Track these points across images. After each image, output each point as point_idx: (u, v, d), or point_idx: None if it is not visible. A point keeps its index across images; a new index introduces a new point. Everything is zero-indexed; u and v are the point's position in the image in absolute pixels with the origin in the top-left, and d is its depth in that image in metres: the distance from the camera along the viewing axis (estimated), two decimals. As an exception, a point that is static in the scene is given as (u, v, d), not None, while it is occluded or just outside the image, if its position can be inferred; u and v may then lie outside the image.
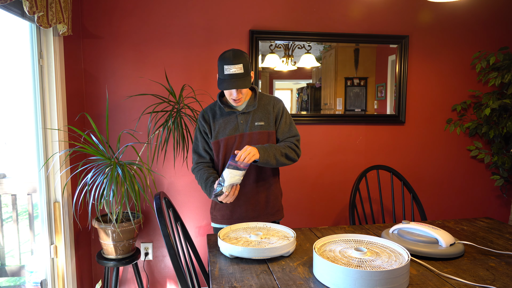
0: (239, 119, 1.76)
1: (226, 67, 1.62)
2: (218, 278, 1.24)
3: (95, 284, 2.57)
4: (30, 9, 1.60)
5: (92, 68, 2.44)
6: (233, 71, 1.62)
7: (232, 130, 1.75)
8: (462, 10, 2.78)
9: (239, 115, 1.76)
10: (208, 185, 1.72)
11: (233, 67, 1.62)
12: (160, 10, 2.47)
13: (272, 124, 1.79)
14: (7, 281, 2.72)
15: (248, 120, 1.76)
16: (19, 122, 3.41)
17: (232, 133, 1.75)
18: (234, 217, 1.81)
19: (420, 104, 2.82)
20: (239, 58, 1.62)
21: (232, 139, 1.75)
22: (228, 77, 1.63)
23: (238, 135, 1.75)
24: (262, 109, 1.78)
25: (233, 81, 1.63)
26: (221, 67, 1.64)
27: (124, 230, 2.14)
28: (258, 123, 1.76)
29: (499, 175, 2.81)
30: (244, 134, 1.75)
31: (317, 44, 2.65)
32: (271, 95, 1.85)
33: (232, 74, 1.62)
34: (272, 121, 1.79)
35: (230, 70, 1.62)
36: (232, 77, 1.63)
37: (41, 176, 2.06)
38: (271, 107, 1.80)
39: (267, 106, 1.79)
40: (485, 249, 1.50)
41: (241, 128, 1.75)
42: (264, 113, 1.78)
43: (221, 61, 1.64)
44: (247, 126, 1.75)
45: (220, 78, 1.65)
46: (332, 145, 2.76)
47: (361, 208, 2.58)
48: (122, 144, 2.42)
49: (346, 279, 1.11)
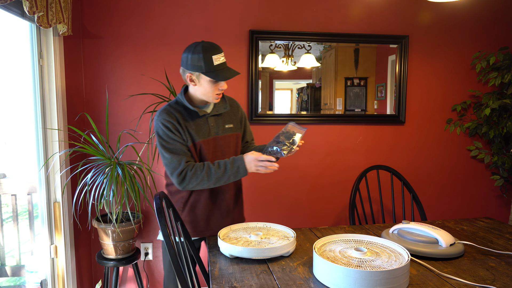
0: (210, 121, 1.64)
1: (215, 57, 1.51)
2: (218, 278, 1.24)
3: (95, 284, 2.57)
4: (30, 9, 1.60)
5: (92, 68, 2.44)
6: (222, 60, 1.54)
7: (205, 133, 1.63)
8: (462, 10, 2.78)
9: (209, 118, 1.64)
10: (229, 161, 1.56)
11: (221, 55, 1.53)
12: (160, 10, 2.47)
13: (239, 127, 1.74)
14: (7, 281, 2.72)
15: (219, 123, 1.66)
16: (19, 122, 3.41)
17: (205, 136, 1.63)
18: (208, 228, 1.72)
19: (420, 104, 2.83)
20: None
21: (207, 142, 1.63)
22: (222, 67, 1.53)
23: (211, 139, 1.64)
24: (229, 111, 1.72)
25: (227, 69, 1.55)
26: (208, 59, 1.50)
27: (124, 230, 2.14)
28: (228, 125, 1.68)
29: (499, 175, 2.81)
30: (217, 137, 1.65)
31: (317, 44, 2.65)
32: (230, 96, 1.78)
33: (224, 63, 1.55)
34: (239, 124, 1.74)
35: (220, 59, 1.53)
36: (225, 65, 1.55)
37: (41, 176, 2.06)
38: (236, 109, 1.74)
39: (233, 108, 1.73)
40: (485, 249, 1.50)
41: (212, 131, 1.64)
42: (231, 115, 1.71)
43: (206, 53, 1.50)
44: (219, 128, 1.66)
45: (211, 71, 1.51)
46: (332, 145, 2.76)
47: (361, 208, 2.58)
48: (122, 144, 2.42)
49: (346, 279, 1.11)
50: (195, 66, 1.52)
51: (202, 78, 1.55)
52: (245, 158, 1.55)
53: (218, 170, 1.54)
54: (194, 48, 1.53)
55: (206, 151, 1.63)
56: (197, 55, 1.51)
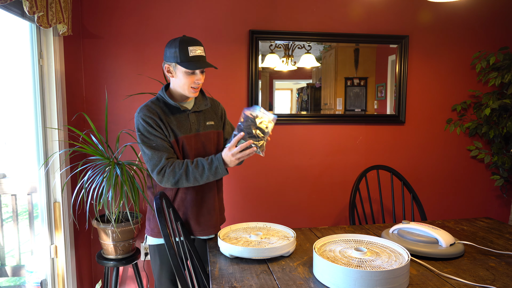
0: (191, 118, 1.65)
1: (191, 49, 1.52)
2: (218, 278, 1.24)
3: (95, 284, 2.57)
4: (30, 9, 1.60)
5: (92, 68, 2.44)
6: (199, 53, 1.55)
7: (187, 129, 1.63)
8: (462, 10, 2.78)
9: (190, 114, 1.65)
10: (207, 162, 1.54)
11: (198, 48, 1.54)
12: (160, 10, 2.47)
13: (220, 124, 1.75)
14: (7, 281, 2.72)
15: (200, 120, 1.67)
16: (19, 122, 3.41)
17: (187, 132, 1.62)
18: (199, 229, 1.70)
19: (420, 104, 2.82)
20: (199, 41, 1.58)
21: (189, 138, 1.63)
22: (197, 59, 1.54)
23: (193, 135, 1.64)
24: (210, 108, 1.73)
25: (202, 62, 1.55)
26: (184, 49, 1.52)
27: (123, 230, 2.14)
28: (209, 122, 1.70)
29: (499, 175, 2.81)
30: (199, 134, 1.66)
31: (317, 44, 2.65)
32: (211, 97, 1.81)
33: (200, 56, 1.55)
34: (219, 121, 1.75)
35: (196, 52, 1.54)
36: (200, 58, 1.54)
37: (41, 176, 2.06)
38: (217, 107, 1.76)
39: (213, 106, 1.75)
40: (485, 249, 1.50)
41: (193, 127, 1.65)
42: (212, 113, 1.73)
43: (182, 44, 1.52)
44: (200, 125, 1.67)
45: (186, 61, 1.53)
46: (332, 145, 2.76)
47: (361, 208, 2.58)
48: (121, 144, 2.42)
49: (346, 279, 1.11)
50: (172, 57, 1.55)
51: (177, 69, 1.56)
52: (223, 157, 1.54)
53: (195, 169, 1.54)
54: (173, 41, 1.56)
55: (189, 147, 1.63)
56: (174, 47, 1.54)
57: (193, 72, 1.55)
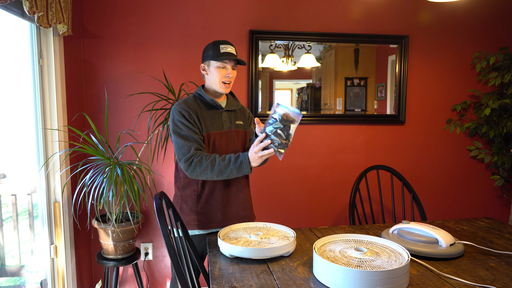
0: (223, 116, 1.75)
1: (222, 46, 1.67)
2: (218, 278, 1.24)
3: (95, 284, 2.57)
4: (30, 9, 1.60)
5: (92, 68, 2.44)
6: (230, 50, 1.68)
7: (218, 126, 1.73)
8: (462, 10, 2.78)
9: (223, 112, 1.76)
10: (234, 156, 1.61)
11: (229, 46, 1.68)
12: (160, 10, 2.47)
13: (247, 125, 1.86)
14: (7, 281, 2.72)
15: (232, 118, 1.78)
16: (19, 122, 3.41)
17: (218, 128, 1.73)
18: (226, 218, 1.75)
19: (420, 104, 2.82)
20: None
21: (220, 135, 1.72)
22: (226, 55, 1.66)
23: (224, 132, 1.74)
24: (240, 110, 1.85)
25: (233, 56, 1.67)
26: (216, 47, 1.67)
27: (123, 230, 2.14)
28: (238, 122, 1.81)
29: (499, 175, 2.81)
30: (230, 131, 1.75)
31: (317, 44, 2.65)
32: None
33: (230, 53, 1.68)
34: (247, 122, 1.86)
35: (227, 49, 1.67)
36: (230, 55, 1.67)
37: (41, 176, 2.06)
38: (245, 110, 1.89)
39: (243, 108, 1.88)
40: (485, 249, 1.50)
41: (225, 125, 1.75)
42: (241, 113, 1.85)
43: (215, 44, 1.68)
44: (231, 123, 1.77)
45: (217, 56, 1.66)
46: (332, 145, 2.76)
47: (361, 208, 2.58)
48: (122, 144, 2.42)
49: (346, 279, 1.11)
50: (206, 56, 1.71)
51: (211, 65, 1.70)
52: (249, 155, 1.60)
53: (222, 161, 1.60)
54: (208, 44, 1.72)
55: (219, 143, 1.72)
56: (208, 49, 1.70)
57: (224, 67, 1.68)
